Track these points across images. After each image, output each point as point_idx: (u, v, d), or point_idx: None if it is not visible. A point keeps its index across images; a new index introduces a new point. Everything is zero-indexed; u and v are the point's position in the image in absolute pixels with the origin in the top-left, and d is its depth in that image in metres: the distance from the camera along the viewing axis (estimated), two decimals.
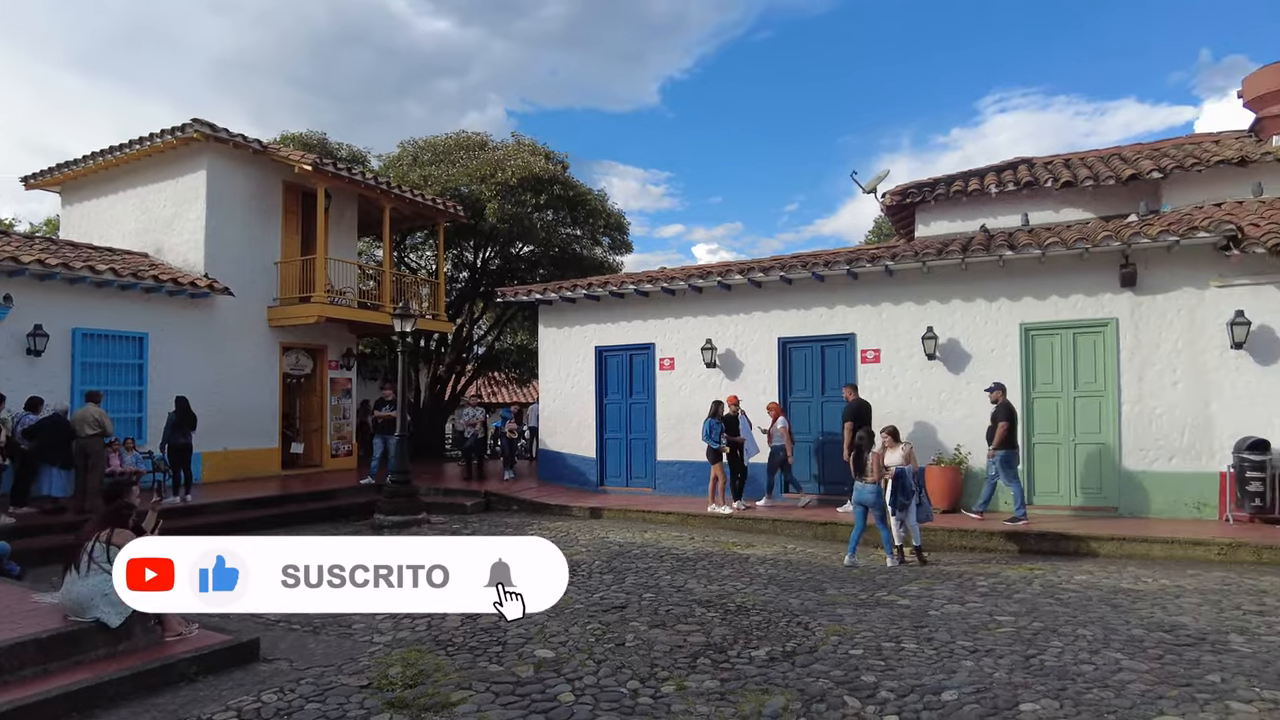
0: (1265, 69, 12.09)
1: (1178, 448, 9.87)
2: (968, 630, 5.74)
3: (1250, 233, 9.29)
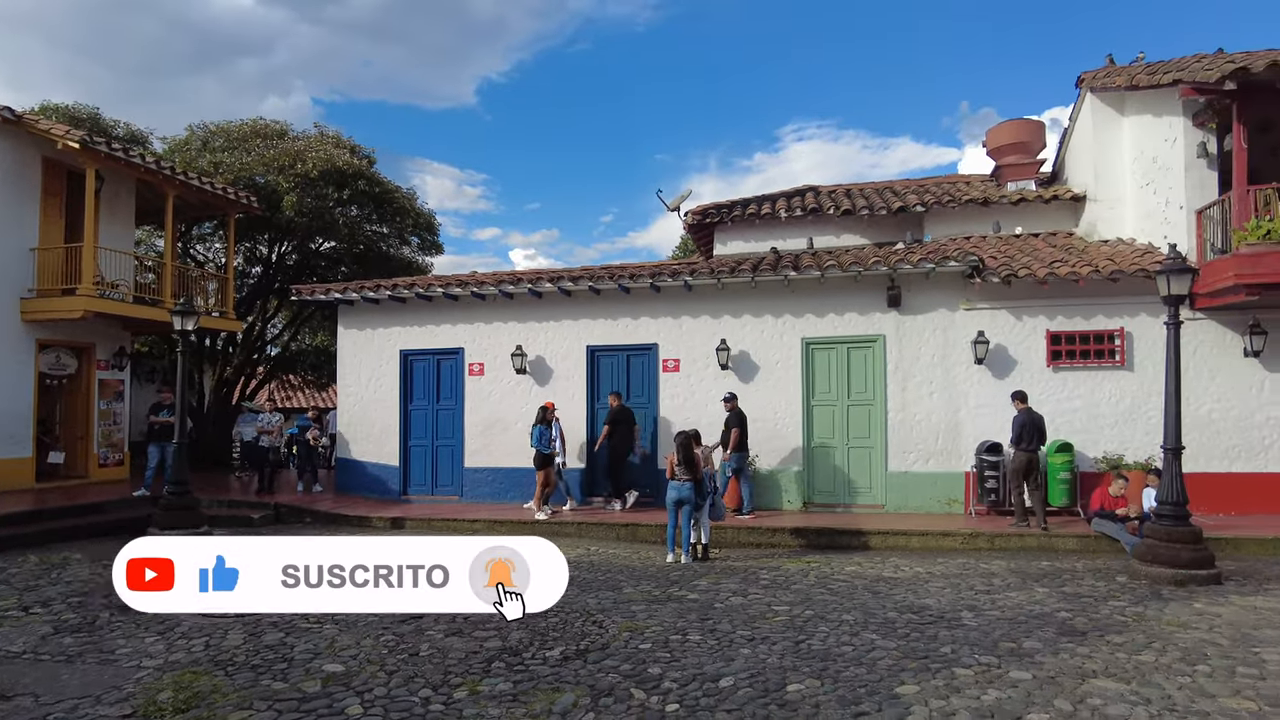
0: (1003, 124, 14.07)
1: (934, 450, 11.20)
2: (747, 620, 6.24)
3: (989, 264, 10.79)
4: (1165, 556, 7.64)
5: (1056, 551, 9.19)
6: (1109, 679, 4.90)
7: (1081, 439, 10.64)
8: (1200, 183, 10.73)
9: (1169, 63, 11.49)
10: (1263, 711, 4.40)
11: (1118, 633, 5.87)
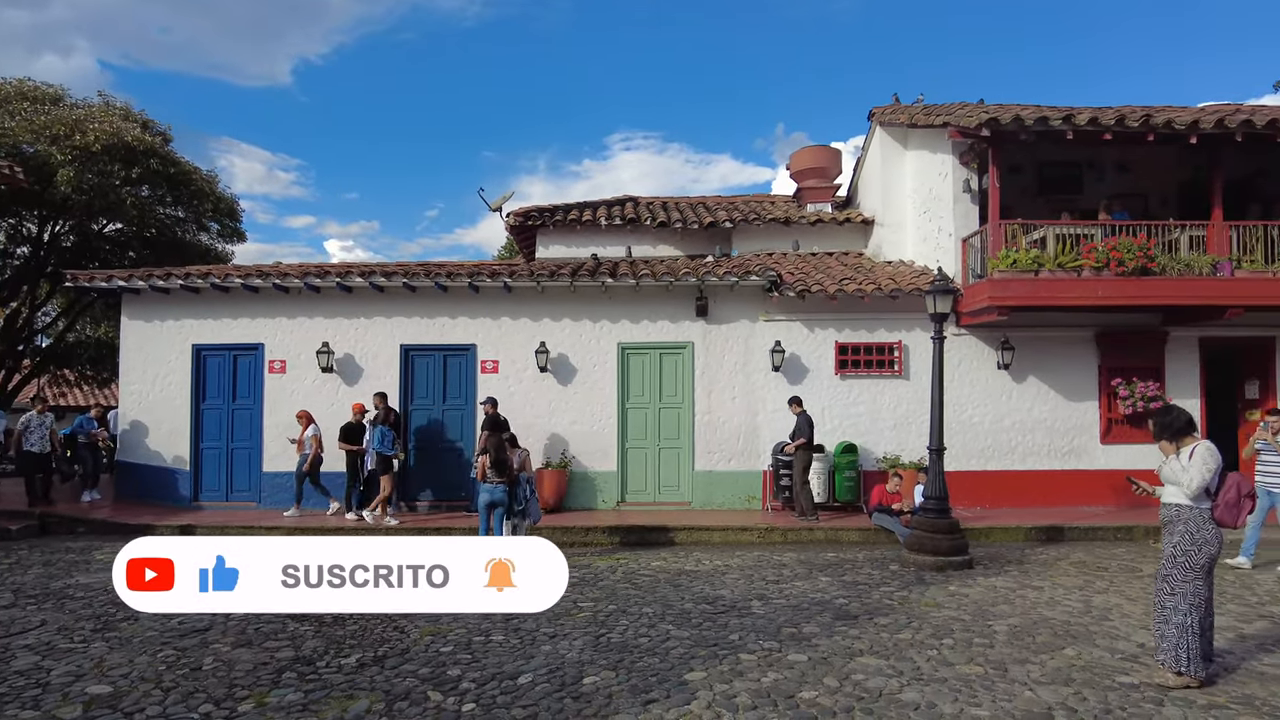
0: (803, 150, 15.21)
1: (735, 451, 11.91)
2: (552, 618, 6.38)
3: (787, 279, 11.64)
4: (929, 545, 8.61)
5: (841, 544, 10.07)
6: (872, 656, 5.49)
7: (865, 441, 11.73)
8: (965, 214, 12.19)
9: (941, 107, 12.96)
10: (988, 674, 5.11)
11: (885, 615, 6.56)
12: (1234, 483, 4.92)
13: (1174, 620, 4.90)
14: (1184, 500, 4.96)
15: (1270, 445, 8.63)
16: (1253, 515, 8.35)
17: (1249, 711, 4.49)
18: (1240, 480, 4.96)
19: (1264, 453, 8.71)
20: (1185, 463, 4.95)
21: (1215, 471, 4.86)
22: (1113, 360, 11.92)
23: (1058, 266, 10.67)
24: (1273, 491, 8.57)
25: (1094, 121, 10.60)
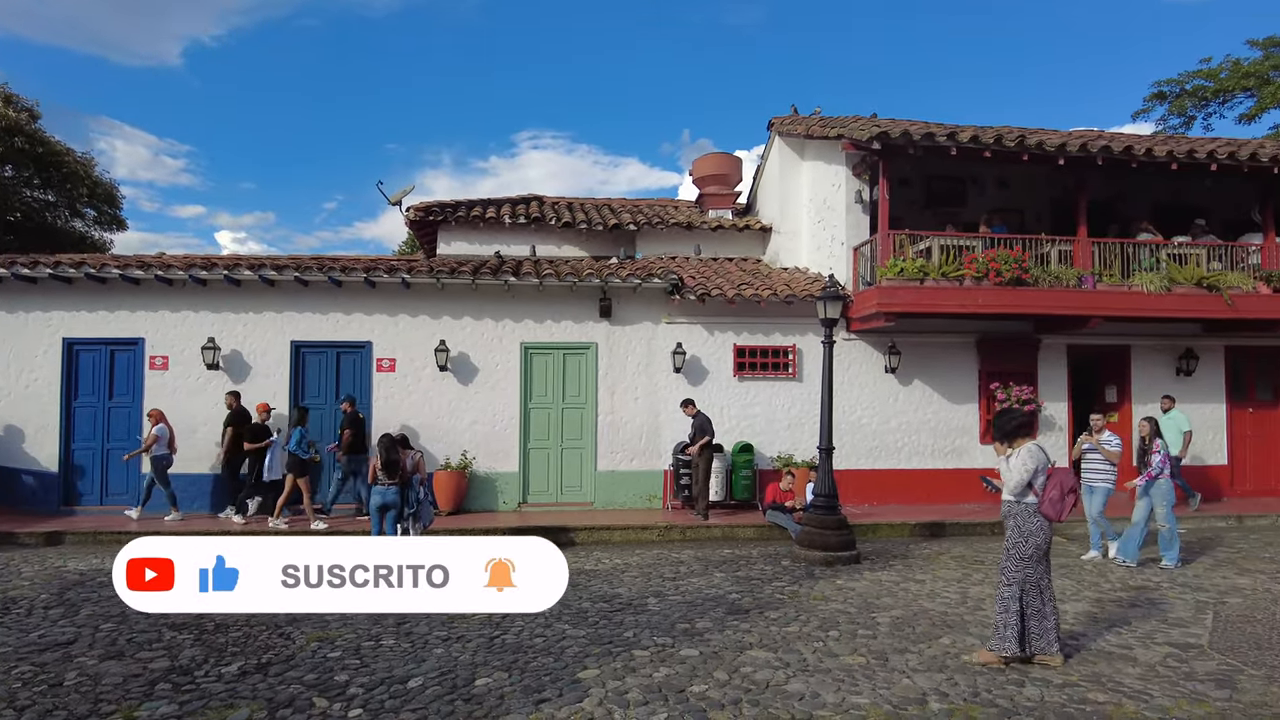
0: (706, 157, 15.53)
1: (637, 450, 12.04)
2: (445, 621, 6.31)
3: (688, 283, 11.86)
4: (819, 541, 8.93)
5: (738, 540, 10.32)
6: (761, 649, 5.67)
7: (761, 440, 12.06)
8: (857, 224, 12.72)
9: (836, 119, 13.47)
10: (869, 664, 5.37)
11: (775, 609, 6.79)
12: (1057, 480, 5.33)
13: (1004, 605, 5.32)
14: (1010, 496, 5.41)
15: (1093, 446, 9.15)
16: (1093, 510, 9.08)
17: (1098, 688, 4.87)
18: (1064, 478, 5.35)
19: (1088, 453, 9.23)
20: (1011, 463, 5.40)
21: (1034, 471, 5.28)
22: (991, 365, 12.67)
23: (941, 276, 11.26)
24: (1094, 487, 9.11)
25: (975, 140, 11.25)
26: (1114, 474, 9.13)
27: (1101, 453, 9.08)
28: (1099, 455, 9.11)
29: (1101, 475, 9.11)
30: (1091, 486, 9.13)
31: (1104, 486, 9.10)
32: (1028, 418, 5.71)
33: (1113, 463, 9.07)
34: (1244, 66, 24.46)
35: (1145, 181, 12.63)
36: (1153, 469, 8.71)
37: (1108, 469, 9.10)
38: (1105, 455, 9.06)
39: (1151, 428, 8.93)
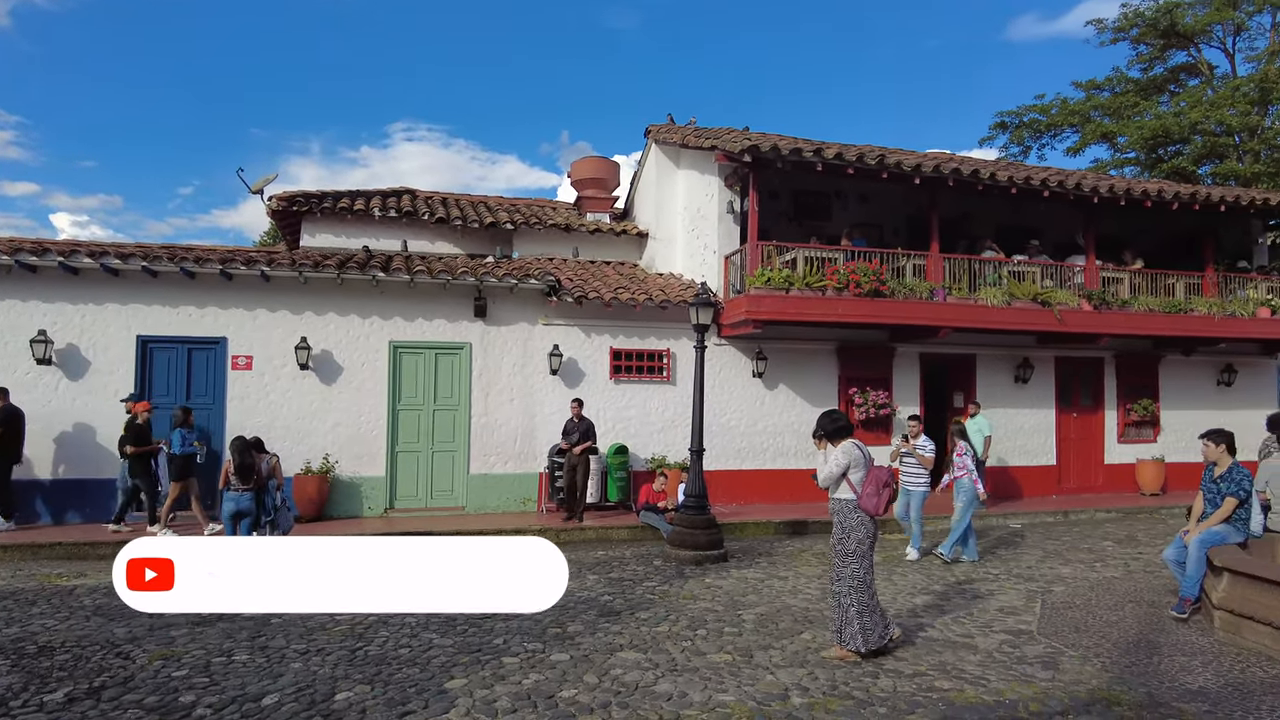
0: (584, 160, 15.56)
1: (512, 453, 11.90)
2: (304, 634, 6.02)
3: (566, 285, 11.85)
4: (689, 541, 9.12)
5: (612, 542, 10.39)
6: (632, 650, 5.73)
7: (635, 442, 12.21)
8: (728, 233, 13.09)
9: (710, 130, 13.82)
10: (735, 661, 5.53)
11: (646, 609, 6.87)
12: (874, 476, 5.63)
13: (841, 601, 5.61)
14: (825, 488, 5.75)
15: (907, 449, 9.45)
16: (904, 511, 9.42)
17: (944, 676, 5.23)
18: (879, 474, 5.65)
19: (905, 457, 9.52)
20: (825, 460, 5.74)
21: (846, 465, 5.60)
22: (850, 371, 13.35)
23: (806, 286, 11.77)
24: (911, 490, 9.40)
25: (839, 157, 11.83)
26: (928, 477, 9.45)
27: (916, 457, 9.37)
28: (915, 460, 9.40)
29: (918, 479, 9.41)
30: (909, 490, 9.43)
31: (921, 490, 9.42)
32: (848, 420, 6.05)
33: (927, 467, 9.37)
34: (1070, 105, 26.97)
35: (990, 203, 13.66)
36: (956, 469, 9.27)
37: (923, 473, 9.41)
38: (919, 460, 9.35)
39: (957, 431, 9.60)
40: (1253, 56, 24.99)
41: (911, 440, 9.48)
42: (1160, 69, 26.47)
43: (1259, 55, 24.64)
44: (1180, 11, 24.37)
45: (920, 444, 9.41)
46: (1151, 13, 24.99)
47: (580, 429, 11.02)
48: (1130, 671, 5.26)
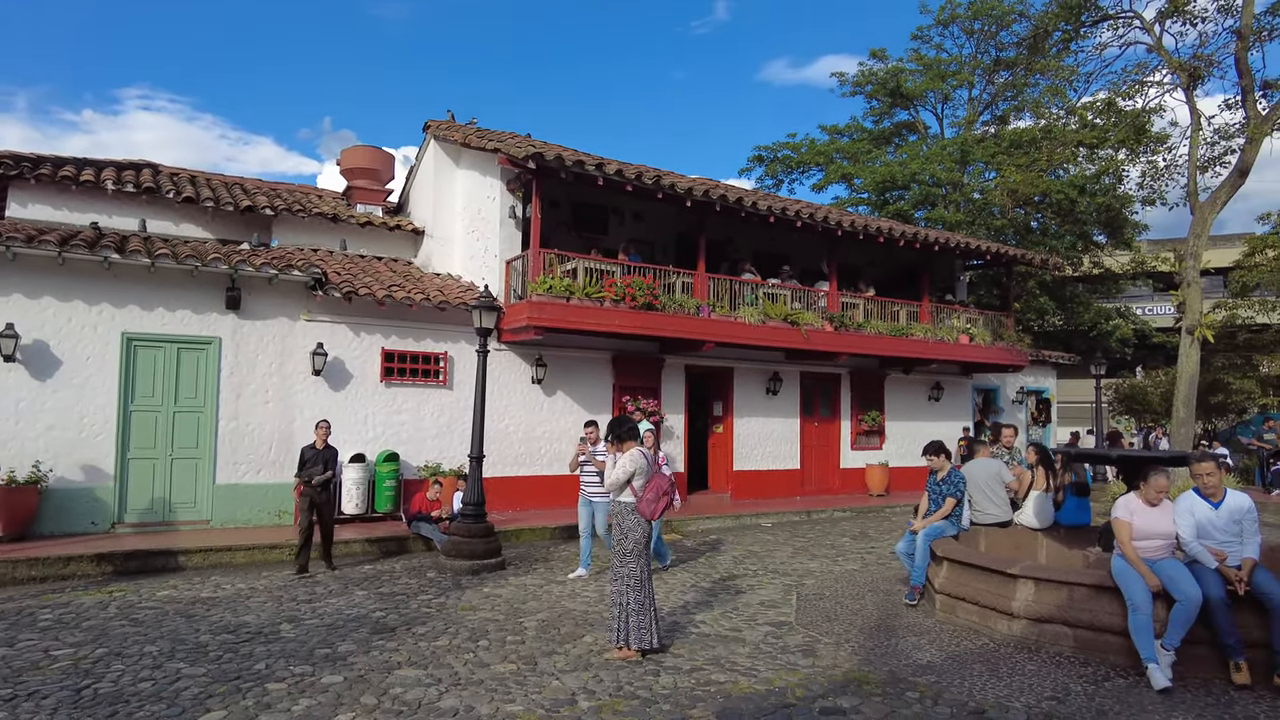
0: (357, 148, 14.73)
1: (266, 461, 10.90)
2: (10, 675, 5.10)
3: (333, 279, 11.11)
4: (466, 550, 8.91)
5: (380, 555, 9.86)
6: (411, 667, 5.49)
7: (407, 449, 11.70)
8: (510, 238, 13.03)
9: (494, 133, 13.69)
10: (520, 670, 5.49)
11: (422, 624, 6.62)
12: (655, 483, 5.95)
13: (617, 600, 5.83)
14: (611, 495, 5.98)
15: (586, 456, 8.63)
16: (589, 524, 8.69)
17: (719, 670, 5.56)
18: (660, 482, 5.97)
19: (584, 465, 8.67)
20: (614, 465, 5.97)
21: (633, 472, 5.88)
22: (624, 380, 13.82)
23: (585, 296, 12.01)
24: (595, 501, 8.65)
25: (619, 173, 12.23)
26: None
27: (595, 465, 8.45)
28: (594, 469, 8.51)
29: (599, 488, 8.36)
30: (592, 500, 8.68)
31: (604, 502, 8.48)
32: (637, 426, 6.34)
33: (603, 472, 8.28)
34: (817, 146, 30.04)
35: (750, 229, 14.81)
36: None
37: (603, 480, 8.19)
38: (598, 467, 8.34)
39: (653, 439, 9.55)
40: (955, 122, 29.44)
41: (590, 445, 8.66)
42: (888, 123, 30.31)
43: (959, 122, 29.08)
44: (904, 76, 28.07)
45: (600, 450, 8.40)
46: (883, 74, 28.53)
47: (323, 458, 9.00)
48: (874, 654, 5.94)
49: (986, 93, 28.59)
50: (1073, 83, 21.33)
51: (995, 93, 28.17)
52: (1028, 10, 24.12)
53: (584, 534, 8.86)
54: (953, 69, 28.02)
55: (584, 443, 8.81)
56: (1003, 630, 6.29)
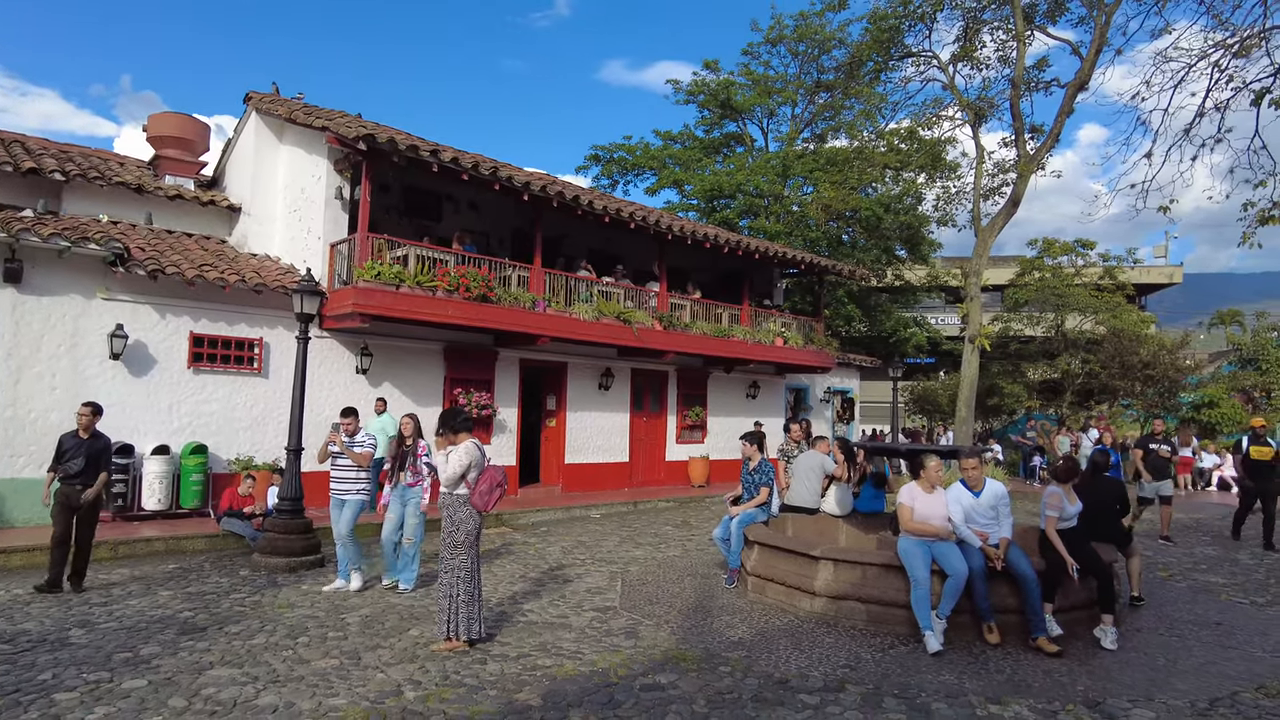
0: (167, 115, 13.57)
1: (52, 454, 9.81)
2: None
3: (136, 254, 10.22)
4: (283, 547, 8.52)
5: (185, 553, 9.19)
6: (225, 667, 5.26)
7: (217, 441, 10.96)
8: (336, 220, 12.46)
9: (322, 110, 13.08)
10: (343, 665, 5.40)
11: (236, 623, 6.31)
12: (489, 475, 6.00)
13: (447, 592, 5.85)
14: (445, 489, 5.93)
15: (338, 447, 7.52)
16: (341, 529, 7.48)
17: (545, 655, 5.73)
18: (494, 474, 6.02)
19: (336, 458, 7.57)
20: (449, 459, 5.95)
21: (468, 466, 5.90)
22: (456, 372, 13.64)
23: (417, 285, 11.75)
24: (345, 499, 7.51)
25: (455, 161, 12.04)
26: (368, 483, 7.73)
27: (350, 456, 7.47)
28: (347, 461, 7.50)
29: (353, 485, 7.55)
30: (342, 499, 7.53)
31: (356, 499, 7.56)
32: (471, 418, 6.34)
33: (363, 466, 7.56)
34: (651, 150, 30.90)
35: (586, 227, 15.06)
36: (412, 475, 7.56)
37: (361, 477, 7.59)
38: (354, 459, 7.47)
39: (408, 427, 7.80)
40: (779, 137, 31.30)
41: (343, 435, 7.51)
42: (718, 133, 31.65)
43: (782, 137, 30.96)
44: (734, 90, 29.46)
45: (361, 439, 7.61)
46: (714, 85, 29.78)
47: (89, 450, 7.27)
48: (692, 633, 6.35)
49: (808, 111, 30.59)
50: (881, 109, 23.40)
51: (815, 112, 30.19)
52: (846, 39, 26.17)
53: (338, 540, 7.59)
54: (778, 86, 29.74)
55: (336, 431, 7.54)
56: (806, 608, 6.91)
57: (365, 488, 7.68)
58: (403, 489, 7.60)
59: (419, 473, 7.61)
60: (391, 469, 7.70)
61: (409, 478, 7.58)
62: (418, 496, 7.57)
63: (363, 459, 7.57)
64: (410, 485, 7.59)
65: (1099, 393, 26.50)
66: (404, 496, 7.61)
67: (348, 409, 7.83)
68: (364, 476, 7.63)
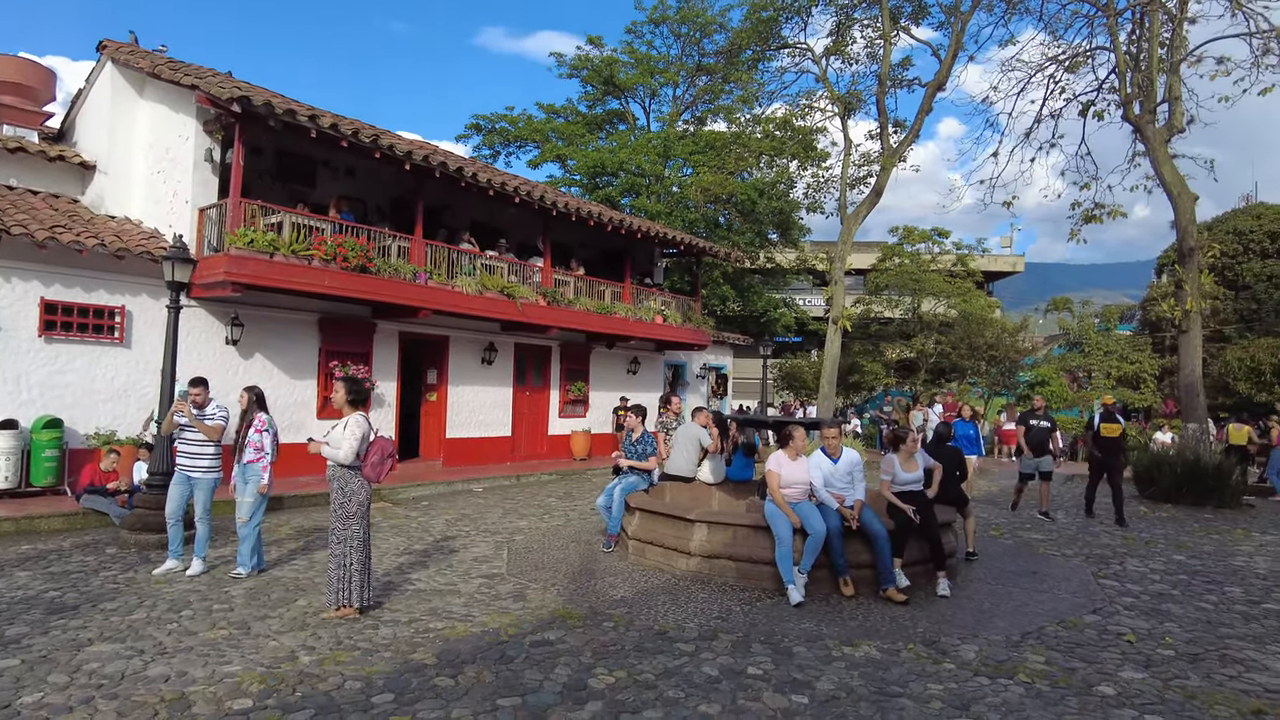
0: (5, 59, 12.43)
1: None
2: None
3: None
4: (155, 523, 8.22)
5: (40, 533, 8.69)
6: (105, 643, 5.18)
7: (74, 414, 10.34)
8: (205, 183, 11.85)
9: (190, 66, 12.38)
10: (233, 634, 5.43)
11: (110, 600, 6.16)
12: (379, 446, 6.14)
13: (341, 562, 5.97)
14: (344, 463, 5.97)
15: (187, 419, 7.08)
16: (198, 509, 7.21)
17: (437, 619, 5.94)
18: (384, 445, 6.17)
19: (185, 430, 7.15)
20: (343, 431, 6.03)
21: (362, 439, 6.03)
22: (332, 344, 13.34)
23: (292, 253, 11.41)
24: (195, 478, 7.19)
25: (334, 127, 11.71)
26: (217, 460, 7.27)
27: (200, 429, 7.07)
28: (197, 435, 7.11)
29: (202, 460, 7.16)
30: (190, 477, 7.17)
31: (209, 478, 7.20)
32: (367, 392, 6.42)
33: (215, 441, 7.22)
34: (534, 123, 30.70)
35: (469, 199, 14.99)
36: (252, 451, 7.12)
37: (215, 454, 7.23)
38: (205, 432, 7.09)
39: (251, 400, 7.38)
40: (661, 117, 31.79)
41: (193, 408, 7.14)
42: (601, 109, 31.80)
43: (664, 118, 31.47)
44: (617, 67, 29.66)
45: (211, 412, 7.23)
46: (598, 61, 29.87)
47: None
48: (577, 594, 6.72)
49: (689, 94, 31.23)
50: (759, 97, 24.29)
51: (696, 95, 30.87)
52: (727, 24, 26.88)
53: (172, 519, 7.20)
54: (661, 67, 30.18)
55: (184, 400, 7.15)
56: (682, 567, 7.43)
57: (216, 464, 7.21)
58: (243, 466, 7.11)
59: (261, 449, 7.11)
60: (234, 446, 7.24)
61: (249, 454, 7.10)
62: (258, 474, 7.09)
63: (213, 432, 7.15)
64: (251, 463, 7.09)
65: (950, 371, 28.81)
66: (245, 474, 7.10)
67: (196, 379, 7.38)
68: (214, 452, 7.19)
